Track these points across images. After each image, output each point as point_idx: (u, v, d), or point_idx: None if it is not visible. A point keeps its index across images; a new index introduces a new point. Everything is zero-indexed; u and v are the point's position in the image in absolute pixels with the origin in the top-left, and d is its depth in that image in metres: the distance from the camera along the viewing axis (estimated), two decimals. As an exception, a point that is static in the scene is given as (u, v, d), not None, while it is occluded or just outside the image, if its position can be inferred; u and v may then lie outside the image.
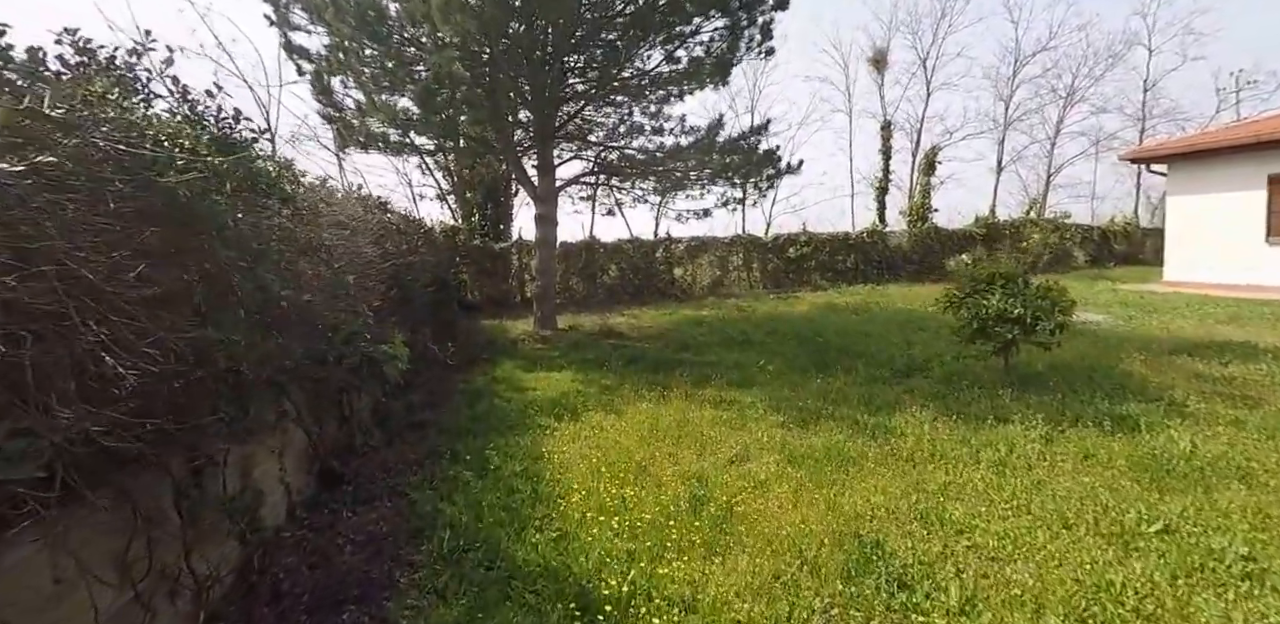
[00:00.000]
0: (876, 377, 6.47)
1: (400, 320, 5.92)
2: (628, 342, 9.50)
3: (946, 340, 8.24)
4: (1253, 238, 13.43)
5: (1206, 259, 14.23)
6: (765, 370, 7.09)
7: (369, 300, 4.43)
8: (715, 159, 9.61)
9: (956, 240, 19.08)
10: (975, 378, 6.24)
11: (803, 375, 6.75)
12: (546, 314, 10.32)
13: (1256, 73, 23.91)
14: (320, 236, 3.69)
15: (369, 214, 5.20)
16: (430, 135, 9.65)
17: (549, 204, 10.14)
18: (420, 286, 7.12)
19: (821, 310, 12.06)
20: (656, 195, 10.51)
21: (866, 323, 10.09)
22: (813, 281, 17.63)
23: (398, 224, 6.46)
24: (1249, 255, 13.51)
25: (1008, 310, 5.48)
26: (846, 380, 6.40)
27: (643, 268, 16.07)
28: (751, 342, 8.87)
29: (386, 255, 5.32)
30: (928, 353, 7.47)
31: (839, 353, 7.66)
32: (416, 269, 6.84)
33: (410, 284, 6.26)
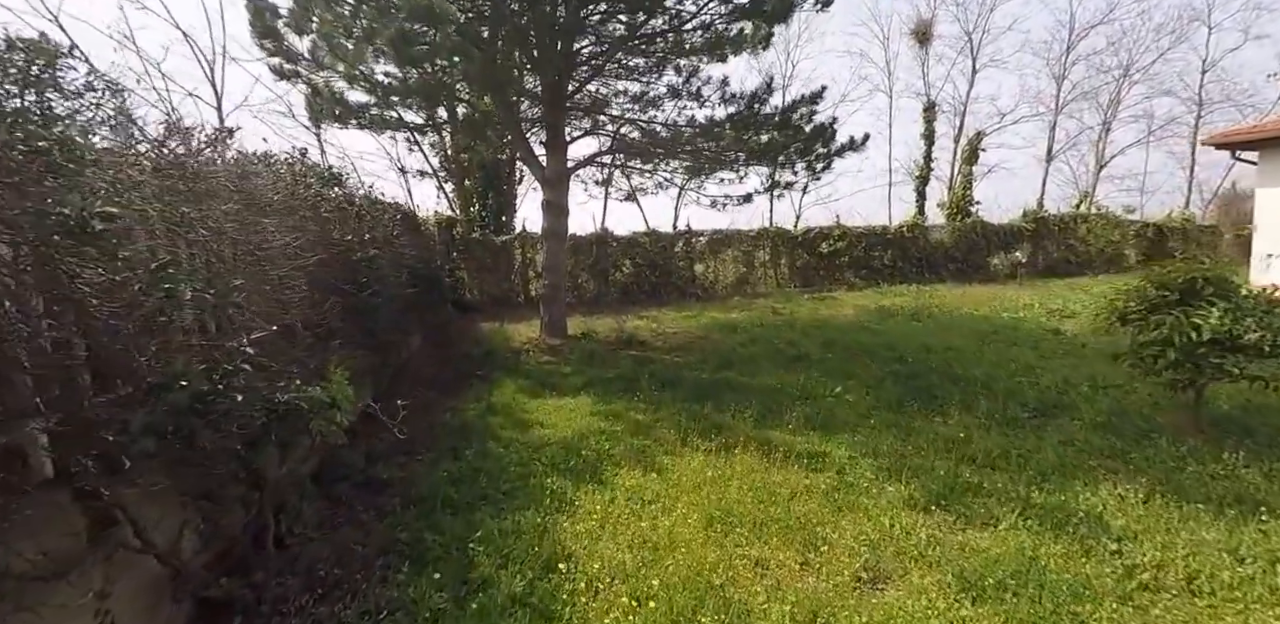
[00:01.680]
0: (1007, 418, 4.81)
1: (355, 337, 4.28)
2: (653, 354, 7.86)
3: (1063, 361, 6.62)
4: (1366, 235, 11.69)
5: (1305, 258, 12.49)
6: (844, 401, 5.45)
7: (281, 312, 2.79)
8: (752, 137, 7.95)
9: (1002, 236, 17.34)
10: (1147, 422, 4.58)
11: (899, 411, 5.10)
12: (555, 319, 8.69)
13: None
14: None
15: (299, 186, 3.56)
16: (416, 103, 7.99)
17: (559, 189, 8.49)
18: (397, 287, 5.48)
19: (873, 315, 10.39)
20: (687, 178, 8.85)
21: (939, 333, 8.41)
22: (846, 280, 15.97)
23: (359, 205, 4.83)
24: (1359, 255, 11.77)
25: (1236, 333, 3.79)
26: (966, 422, 4.75)
27: (660, 264, 14.40)
28: (809, 358, 7.22)
29: (330, 245, 3.69)
30: (1053, 380, 5.81)
31: (936, 377, 5.99)
32: (386, 265, 5.20)
33: (378, 284, 4.62)
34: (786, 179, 8.24)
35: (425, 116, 8.68)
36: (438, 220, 12.71)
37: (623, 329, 9.78)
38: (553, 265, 8.59)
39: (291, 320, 3.00)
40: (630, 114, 8.58)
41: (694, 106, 8.33)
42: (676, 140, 8.42)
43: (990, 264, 17.32)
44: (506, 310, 12.41)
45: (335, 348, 3.60)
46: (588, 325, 10.10)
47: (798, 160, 7.81)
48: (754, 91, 7.44)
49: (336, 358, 3.51)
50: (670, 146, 8.45)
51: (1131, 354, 4.43)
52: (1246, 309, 3.94)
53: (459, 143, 10.41)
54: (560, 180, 8.48)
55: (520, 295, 13.46)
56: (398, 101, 7.55)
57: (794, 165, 7.90)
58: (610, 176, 11.84)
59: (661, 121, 8.38)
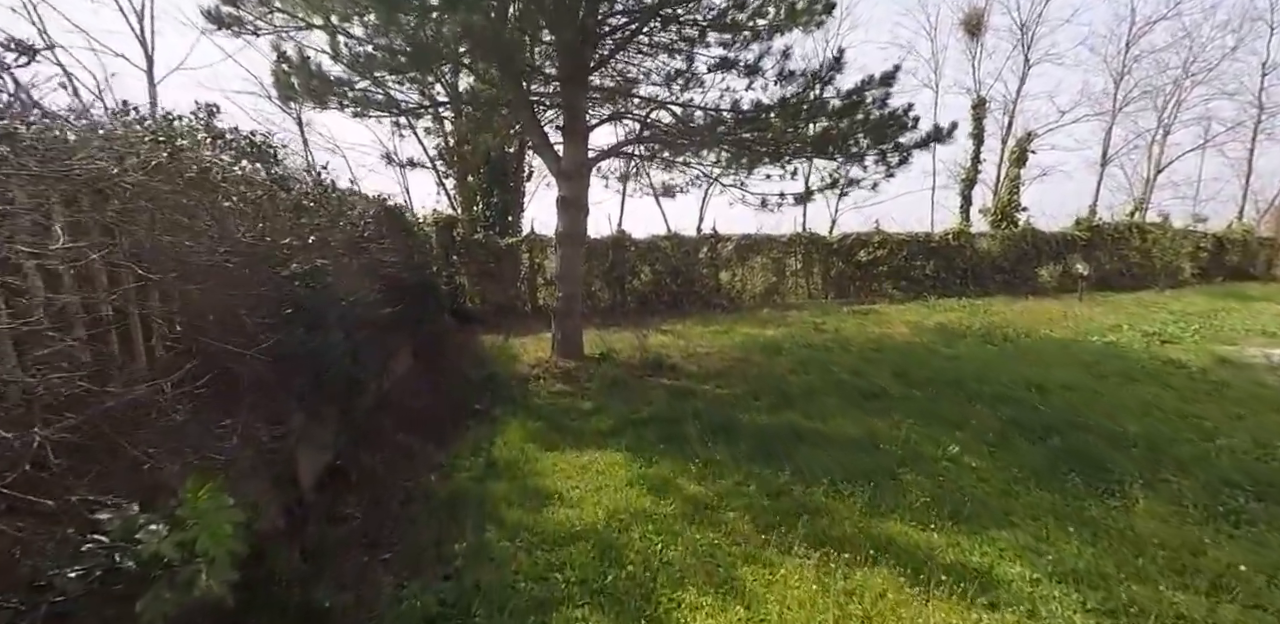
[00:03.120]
0: (1220, 505, 3.40)
1: (287, 389, 2.90)
2: (689, 382, 6.46)
3: (1218, 407, 5.20)
4: None
5: None
6: (967, 467, 4.05)
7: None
8: (816, 122, 6.59)
9: (1054, 245, 15.93)
10: None
11: (1056, 488, 3.70)
12: (570, 336, 7.32)
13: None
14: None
15: (171, 148, 2.21)
16: (407, 77, 6.66)
17: (577, 183, 7.13)
18: (368, 307, 4.12)
19: (935, 336, 8.99)
20: (731, 171, 7.49)
21: (1030, 363, 6.99)
22: (885, 291, 14.57)
23: (304, 193, 3.45)
24: None
25: None
26: (1159, 510, 3.35)
27: (683, 271, 13.02)
28: (886, 393, 5.82)
29: (238, 253, 2.32)
30: (1242, 441, 4.39)
31: (1080, 433, 4.57)
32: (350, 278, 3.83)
33: (326, 309, 3.23)
34: (853, 175, 6.85)
35: (419, 94, 7.33)
36: (436, 219, 11.36)
37: (646, 347, 8.41)
38: (568, 274, 7.22)
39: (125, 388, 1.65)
40: (664, 95, 7.21)
41: (740, 88, 6.97)
42: (716, 127, 7.06)
43: (1039, 276, 15.92)
44: (512, 321, 11.05)
45: (242, 417, 2.23)
46: (605, 342, 8.73)
47: (869, 152, 6.44)
48: (819, 68, 6.08)
49: (241, 430, 2.14)
50: (710, 135, 7.08)
51: None
52: None
53: (461, 130, 9.10)
54: (579, 173, 7.13)
55: (527, 304, 12.10)
56: (383, 73, 6.20)
57: (863, 159, 6.55)
58: (634, 171, 10.31)
59: (701, 104, 7.00)
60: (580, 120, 6.96)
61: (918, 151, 6.38)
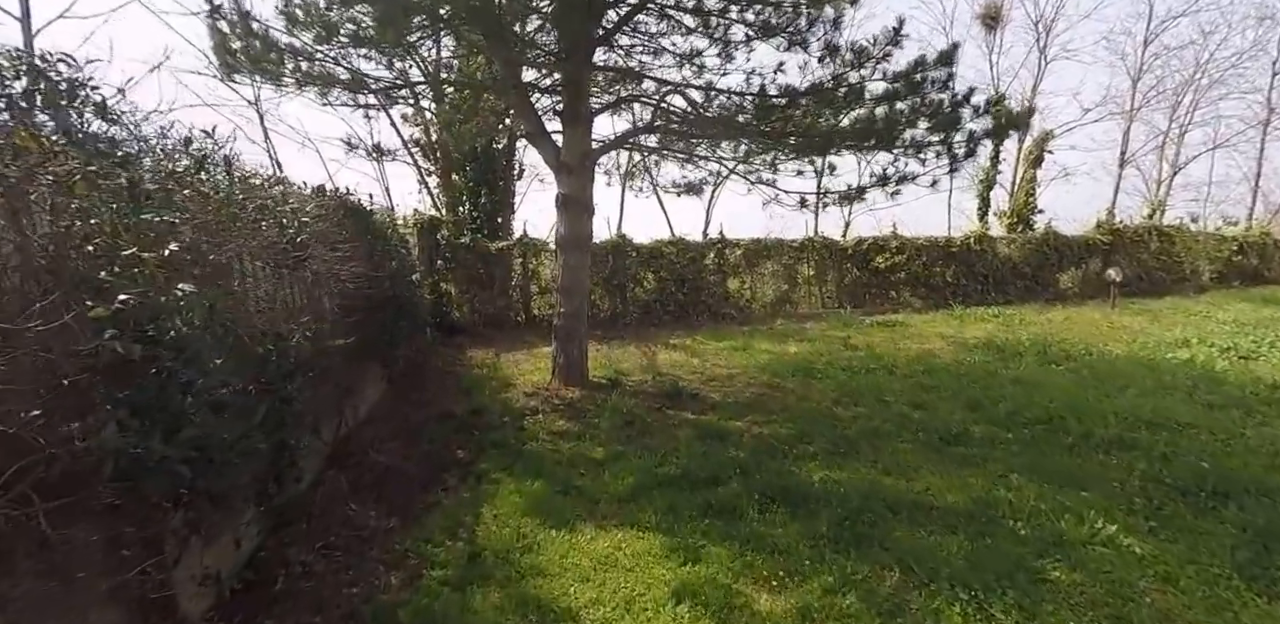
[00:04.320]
0: None
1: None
2: (719, 419, 5.34)
3: None
4: None
5: None
6: (1133, 558, 2.96)
7: None
8: (848, 111, 5.53)
9: (1075, 250, 15.04)
10: None
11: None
12: (574, 360, 6.18)
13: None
14: None
15: None
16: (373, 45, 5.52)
17: (580, 178, 6.02)
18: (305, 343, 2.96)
19: (985, 354, 7.93)
20: (758, 167, 6.42)
21: (1116, 389, 5.95)
22: (903, 299, 13.58)
23: (168, 166, 2.25)
24: None
25: None
26: None
27: (689, 278, 11.92)
28: (969, 436, 4.72)
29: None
30: None
31: (1247, 495, 3.50)
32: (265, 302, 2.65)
33: (190, 363, 2.03)
34: (908, 170, 5.79)
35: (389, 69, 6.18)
36: (417, 221, 10.20)
37: (658, 368, 7.32)
38: (572, 286, 6.09)
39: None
40: (680, 77, 6.11)
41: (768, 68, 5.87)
42: (738, 115, 5.98)
43: (1060, 282, 15.04)
44: (503, 334, 9.90)
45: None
46: (611, 361, 7.61)
47: (932, 143, 5.38)
48: (872, 43, 5.00)
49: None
50: (732, 124, 6.00)
51: None
52: None
53: (444, 118, 7.96)
54: (582, 167, 6.01)
55: (520, 314, 10.93)
56: (346, 40, 5.06)
57: (922, 150, 5.50)
58: (640, 167, 9.07)
59: (726, 88, 5.91)
60: (583, 103, 5.85)
61: (993, 140, 5.31)
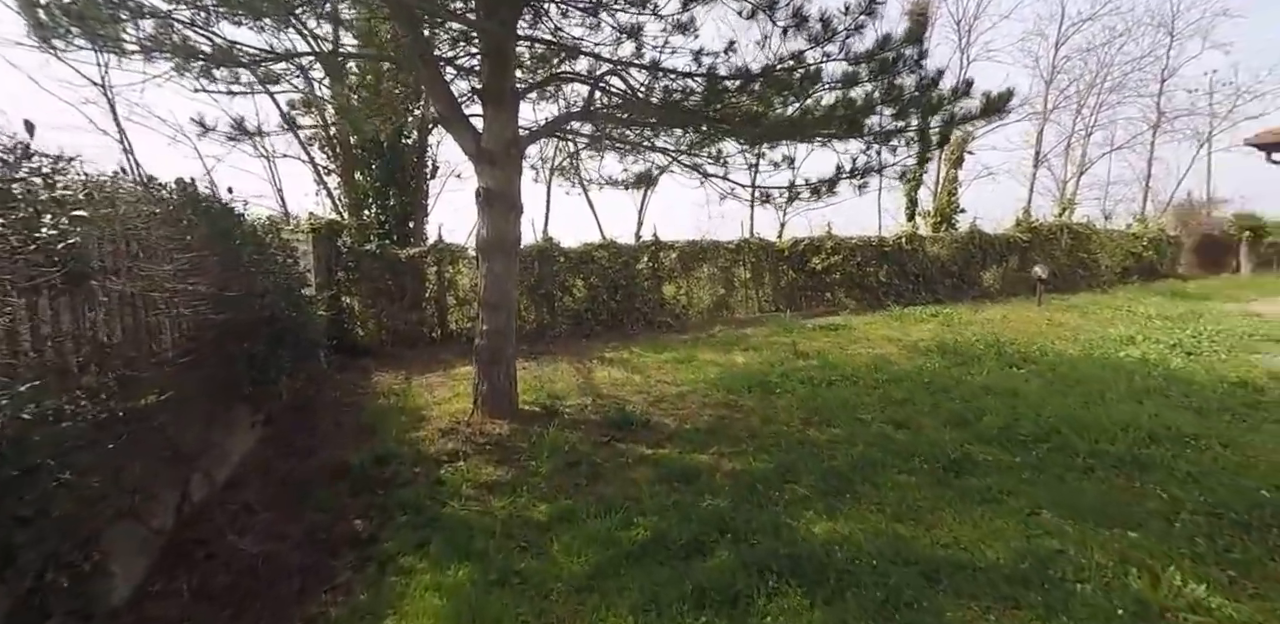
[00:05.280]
0: None
1: None
2: (682, 452, 4.48)
3: None
4: None
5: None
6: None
7: None
8: (813, 93, 4.88)
9: (997, 248, 15.41)
10: None
11: None
12: (500, 388, 5.14)
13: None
14: None
15: None
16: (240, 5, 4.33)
17: (506, 170, 5.01)
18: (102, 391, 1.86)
19: (937, 357, 7.52)
20: (710, 159, 5.64)
21: (1091, 394, 5.58)
22: (839, 300, 13.34)
23: None
24: None
25: None
26: None
27: (623, 285, 11.07)
28: (973, 462, 4.10)
29: None
30: None
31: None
32: None
33: None
34: (882, 161, 5.18)
35: (256, 29, 4.95)
36: (313, 226, 8.78)
37: (597, 390, 6.43)
38: (498, 298, 5.06)
39: None
40: (622, 52, 5.24)
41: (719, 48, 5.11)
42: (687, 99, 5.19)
43: (983, 279, 15.37)
44: (415, 353, 8.66)
45: None
46: (542, 382, 6.64)
47: (906, 128, 4.79)
48: (846, 8, 4.35)
49: None
50: (680, 108, 5.20)
51: None
52: None
53: (341, 103, 6.69)
54: (507, 156, 5.00)
55: (435, 330, 9.68)
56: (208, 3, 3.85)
57: (892, 137, 4.90)
58: (571, 160, 7.96)
59: (672, 68, 5.09)
60: (508, 78, 4.86)
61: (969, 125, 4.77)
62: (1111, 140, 22.35)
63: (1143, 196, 22.44)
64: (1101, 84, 20.64)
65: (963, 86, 4.67)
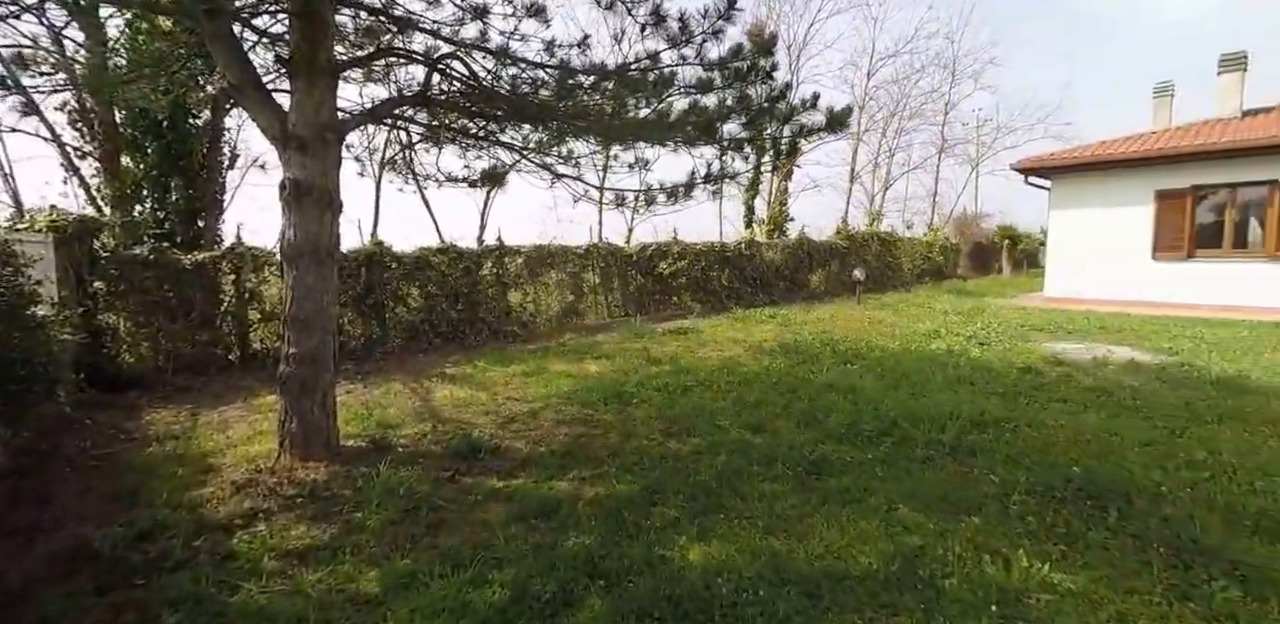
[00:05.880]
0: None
1: None
2: (536, 481, 4.03)
3: (1197, 436, 4.49)
4: (1140, 254, 12.91)
5: (1093, 274, 13.55)
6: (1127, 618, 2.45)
7: None
8: (666, 97, 4.76)
9: (822, 253, 16.85)
10: None
11: None
12: (314, 422, 4.28)
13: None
14: None
15: None
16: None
17: (320, 159, 4.19)
18: None
19: (781, 357, 7.83)
20: (560, 159, 5.23)
21: (917, 386, 6.05)
22: (685, 304, 13.65)
23: None
24: (1134, 271, 12.98)
25: None
26: None
27: (465, 292, 10.27)
28: (829, 462, 4.13)
29: None
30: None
31: (1131, 502, 3.32)
32: None
33: None
34: (735, 168, 5.14)
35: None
36: (54, 225, 6.91)
37: (438, 413, 5.78)
38: (309, 314, 4.20)
39: None
40: (464, 34, 4.63)
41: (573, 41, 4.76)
42: (536, 93, 4.78)
43: (811, 282, 16.72)
44: (208, 383, 7.21)
45: None
46: (371, 408, 5.81)
47: (759, 137, 4.78)
48: (705, 12, 4.20)
49: None
50: (530, 101, 4.76)
51: None
52: None
53: (94, 65, 5.18)
54: (322, 142, 4.19)
55: (233, 352, 8.17)
56: None
57: (743, 146, 4.88)
58: (404, 153, 6.92)
59: (523, 57, 4.63)
60: (323, 46, 4.05)
61: (816, 138, 4.89)
62: (909, 161, 25.80)
63: (931, 210, 26.09)
64: (902, 112, 23.74)
65: (810, 99, 4.78)
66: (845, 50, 28.65)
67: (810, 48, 20.91)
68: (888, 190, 24.64)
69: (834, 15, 32.95)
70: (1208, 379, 6.22)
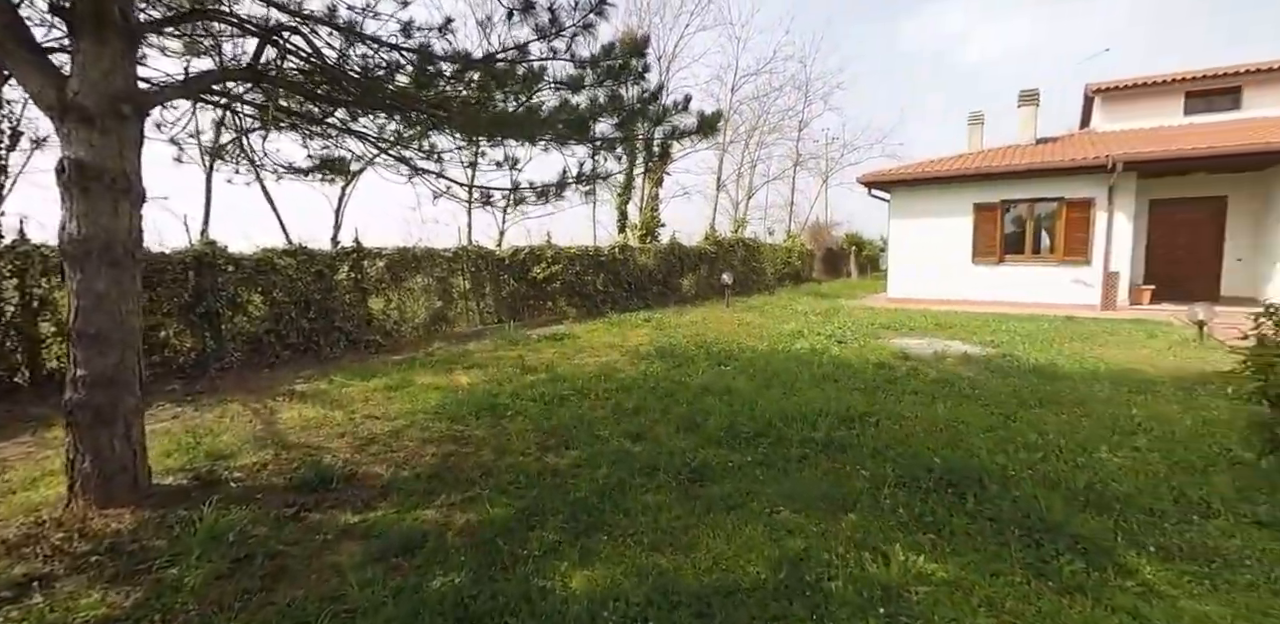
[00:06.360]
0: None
1: None
2: (401, 513, 3.60)
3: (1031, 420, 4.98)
4: (964, 259, 14.61)
5: (926, 277, 15.12)
6: (961, 592, 2.56)
7: None
8: (531, 92, 4.56)
9: (692, 258, 17.35)
10: None
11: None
12: (115, 457, 3.52)
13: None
14: None
15: None
16: None
17: (111, 136, 3.45)
18: None
19: (657, 361, 7.85)
20: (418, 155, 4.74)
21: (788, 384, 6.28)
22: (560, 309, 13.41)
23: None
24: (960, 274, 14.66)
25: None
26: None
27: (318, 299, 9.27)
28: (711, 468, 4.09)
29: None
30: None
31: (1004, 490, 3.57)
32: None
33: None
34: (608, 169, 4.98)
35: None
36: None
37: (283, 438, 5.11)
38: (104, 327, 3.44)
39: None
40: (315, 3, 4.05)
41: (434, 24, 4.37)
42: (391, 78, 4.33)
43: (683, 286, 17.15)
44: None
45: None
46: (198, 436, 5.00)
47: (633, 137, 4.66)
48: (575, 3, 4.00)
49: None
50: (383, 87, 4.30)
51: None
52: None
53: None
54: (115, 115, 3.45)
55: (19, 374, 6.70)
56: None
57: (616, 146, 4.74)
58: (243, 136, 5.83)
59: (374, 35, 4.15)
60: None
61: (687, 140, 4.87)
62: (769, 172, 27.47)
63: (789, 218, 27.94)
64: (762, 126, 25.18)
65: (683, 102, 4.76)
66: (712, 65, 30.13)
67: (679, 60, 21.54)
68: (751, 199, 26.09)
69: (701, 31, 34.40)
70: (1026, 368, 7.07)
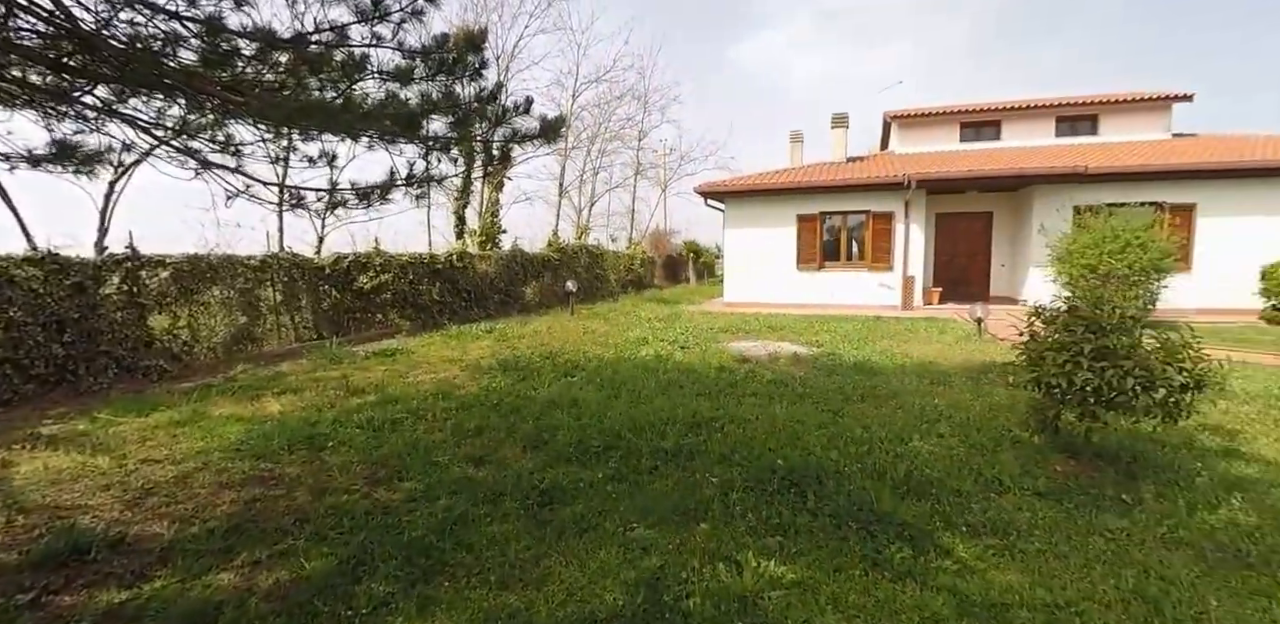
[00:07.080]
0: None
1: None
2: (185, 582, 2.94)
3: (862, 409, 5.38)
4: (789, 265, 15.91)
5: (758, 283, 16.25)
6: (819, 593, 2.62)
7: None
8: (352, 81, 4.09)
9: (535, 265, 17.00)
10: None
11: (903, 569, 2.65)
12: None
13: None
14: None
15: None
16: None
17: None
18: None
19: (500, 376, 7.49)
20: (210, 147, 3.93)
21: (634, 393, 6.28)
22: (392, 322, 12.37)
23: None
24: (787, 279, 15.96)
25: None
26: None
27: (75, 318, 7.56)
28: (563, 489, 3.86)
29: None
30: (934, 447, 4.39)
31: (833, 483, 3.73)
32: None
33: None
34: (443, 171, 4.52)
35: None
36: None
37: (16, 498, 4.07)
38: None
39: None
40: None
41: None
42: (185, 48, 3.59)
43: (525, 294, 16.75)
44: None
45: None
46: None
47: (470, 137, 4.29)
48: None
49: None
50: (158, 62, 3.54)
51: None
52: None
53: None
54: None
55: None
56: None
57: (451, 147, 4.33)
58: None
59: (150, 1, 3.37)
60: None
61: (530, 144, 4.63)
62: (610, 180, 27.82)
63: (631, 225, 28.62)
64: (604, 134, 25.47)
65: (524, 103, 4.52)
66: (553, 70, 30.02)
67: (519, 61, 21.09)
68: (594, 206, 26.34)
69: (541, 33, 34.09)
70: (848, 365, 7.79)
